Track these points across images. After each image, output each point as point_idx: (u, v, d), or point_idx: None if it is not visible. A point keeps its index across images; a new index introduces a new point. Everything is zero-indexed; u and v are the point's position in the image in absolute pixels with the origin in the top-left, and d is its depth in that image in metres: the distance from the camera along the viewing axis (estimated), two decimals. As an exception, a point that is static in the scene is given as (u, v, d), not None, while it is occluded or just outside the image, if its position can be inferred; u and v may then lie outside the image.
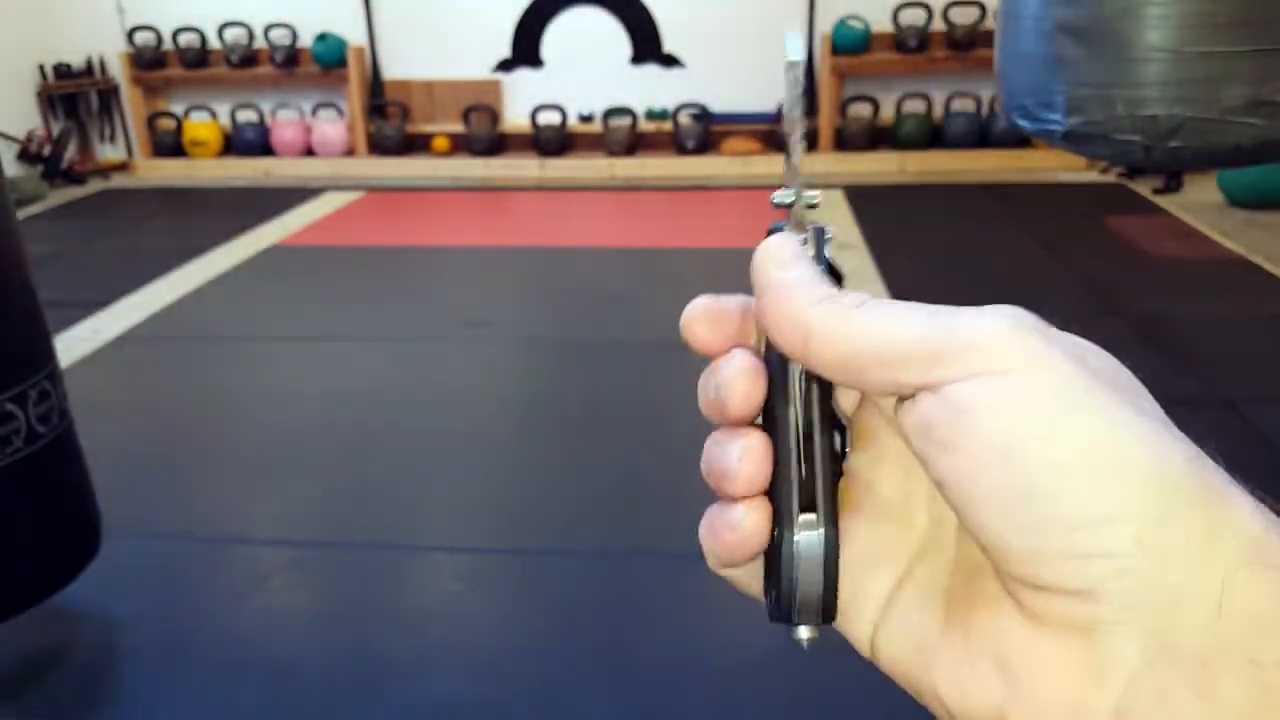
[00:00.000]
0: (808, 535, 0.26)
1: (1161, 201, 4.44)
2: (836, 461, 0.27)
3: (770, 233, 0.30)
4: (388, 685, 1.60)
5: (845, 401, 0.28)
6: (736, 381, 0.26)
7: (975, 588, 0.24)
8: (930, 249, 3.91)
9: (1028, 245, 3.92)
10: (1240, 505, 0.21)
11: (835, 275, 0.28)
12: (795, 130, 0.29)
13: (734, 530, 0.26)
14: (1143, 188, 4.65)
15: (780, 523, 0.26)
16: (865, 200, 4.60)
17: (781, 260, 0.27)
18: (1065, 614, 0.21)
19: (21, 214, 4.57)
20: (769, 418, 0.27)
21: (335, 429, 2.55)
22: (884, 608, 0.27)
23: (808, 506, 0.26)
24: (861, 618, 0.27)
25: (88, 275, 3.89)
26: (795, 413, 0.27)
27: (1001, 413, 0.22)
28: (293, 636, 1.76)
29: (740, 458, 0.26)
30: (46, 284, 1.66)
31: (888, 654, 0.26)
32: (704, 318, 0.28)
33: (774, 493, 0.27)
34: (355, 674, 1.63)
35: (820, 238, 0.29)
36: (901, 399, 0.25)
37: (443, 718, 1.55)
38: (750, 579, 0.28)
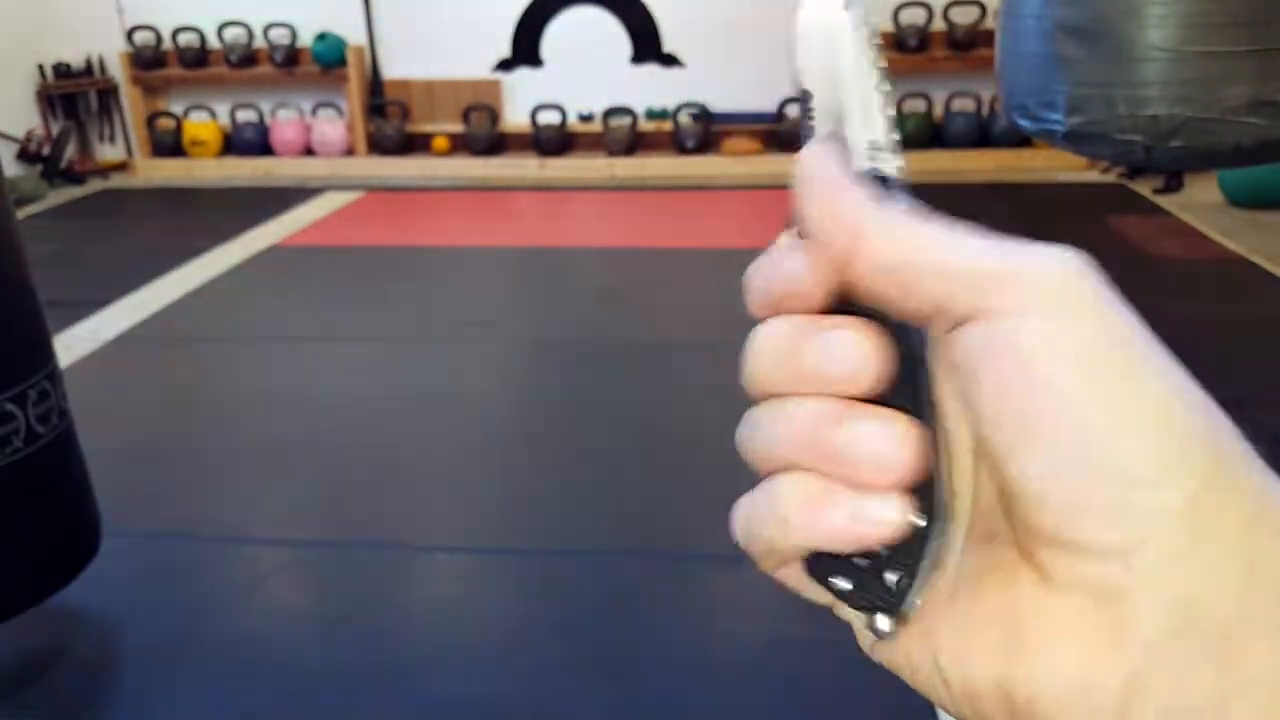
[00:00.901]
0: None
1: (1162, 201, 4.44)
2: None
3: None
4: (388, 685, 1.60)
5: None
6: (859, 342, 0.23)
7: (988, 555, 0.23)
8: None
9: (1028, 245, 3.92)
10: (1275, 483, 0.21)
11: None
12: None
13: (878, 525, 0.23)
14: (1143, 187, 4.65)
15: (928, 510, 0.23)
16: (865, 200, 4.59)
17: (827, 165, 0.24)
18: (1091, 577, 0.21)
19: (21, 214, 4.57)
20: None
21: (335, 429, 2.55)
22: None
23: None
24: None
25: (87, 275, 3.89)
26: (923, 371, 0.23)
27: (1067, 358, 0.21)
28: (293, 636, 1.76)
29: (895, 442, 0.22)
30: (46, 284, 1.66)
31: None
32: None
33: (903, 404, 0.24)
34: (355, 674, 1.63)
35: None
36: (944, 329, 0.23)
37: (443, 718, 1.55)
38: (800, 574, 0.25)
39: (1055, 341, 0.21)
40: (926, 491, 0.23)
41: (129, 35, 5.66)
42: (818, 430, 0.23)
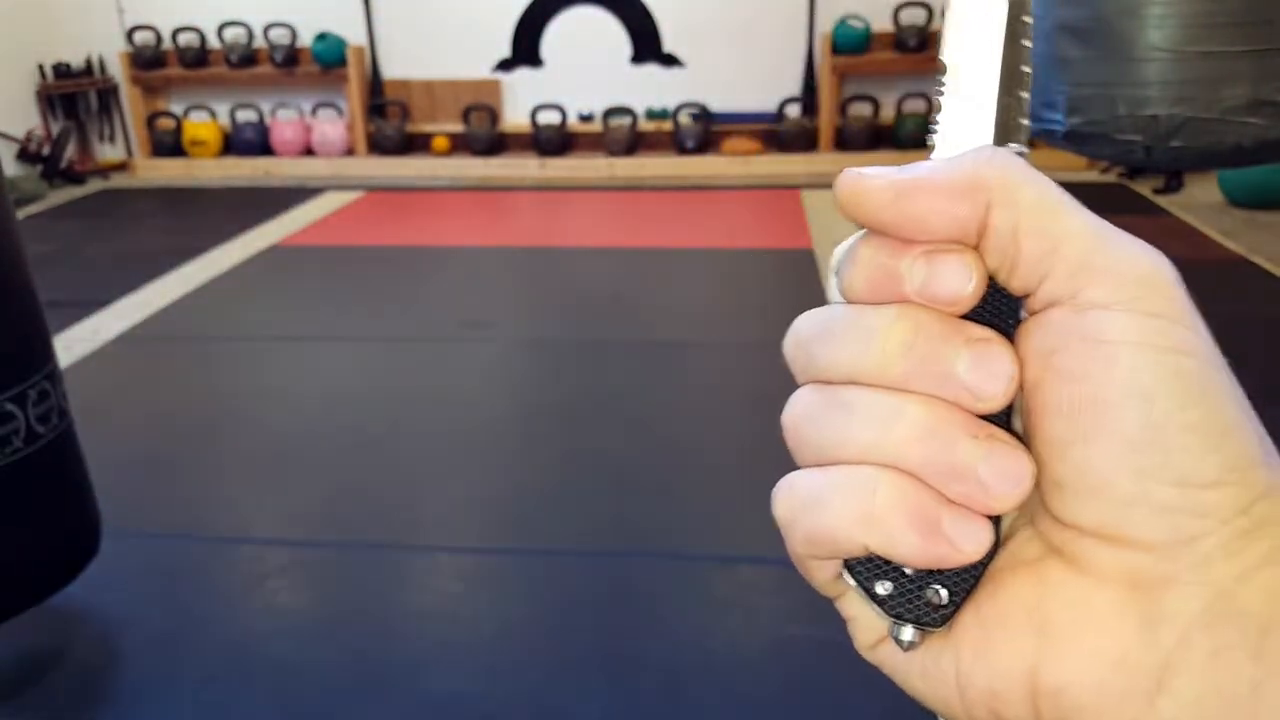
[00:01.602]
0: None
1: (1162, 201, 4.44)
2: None
3: None
4: (388, 685, 1.60)
5: None
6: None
7: (1006, 553, 0.23)
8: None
9: (1028, 245, 3.92)
10: None
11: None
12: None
13: (974, 550, 0.22)
14: (1143, 188, 4.65)
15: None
16: (865, 200, 4.59)
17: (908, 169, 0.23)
18: (1134, 568, 0.21)
19: (21, 214, 4.57)
20: None
21: (335, 429, 2.55)
22: None
23: None
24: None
25: (87, 275, 3.89)
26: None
27: (1150, 357, 0.21)
28: (293, 636, 1.76)
29: (1026, 471, 0.22)
30: (46, 284, 1.66)
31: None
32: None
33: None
34: (355, 674, 1.63)
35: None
36: (1030, 309, 0.22)
37: (443, 718, 1.55)
38: (823, 561, 0.24)
39: (1141, 339, 0.21)
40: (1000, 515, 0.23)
41: (129, 35, 5.66)
42: (949, 441, 0.22)
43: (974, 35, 0.24)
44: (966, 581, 0.23)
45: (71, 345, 3.04)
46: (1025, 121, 0.24)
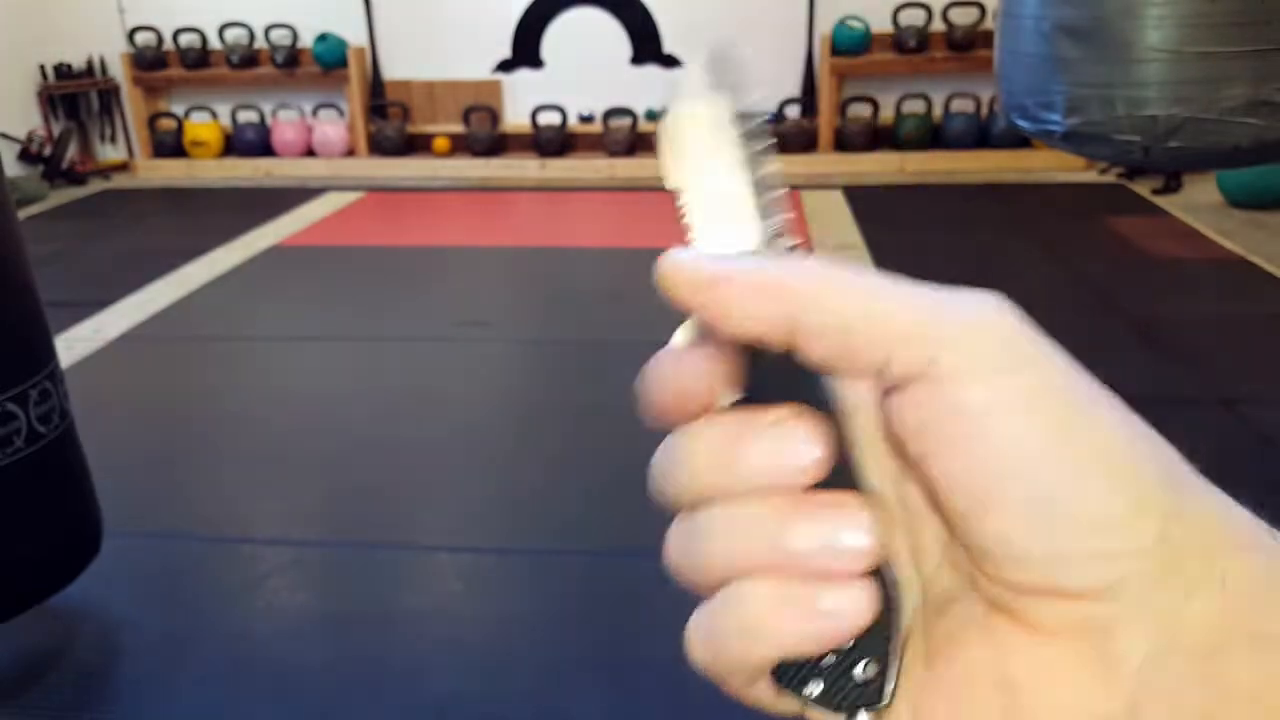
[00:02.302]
0: (898, 585, 0.23)
1: (1161, 202, 4.44)
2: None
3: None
4: (388, 685, 1.60)
5: None
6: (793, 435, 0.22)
7: (952, 616, 0.23)
8: (929, 249, 3.91)
9: (1027, 246, 3.92)
10: (1224, 497, 0.22)
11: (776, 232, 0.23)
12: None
13: (851, 617, 0.22)
14: (1142, 188, 4.65)
15: (887, 590, 0.22)
16: (865, 200, 4.60)
17: (708, 254, 0.23)
18: (1077, 618, 0.21)
19: (22, 214, 4.57)
20: None
21: (335, 429, 2.55)
22: None
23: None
24: None
25: (89, 275, 3.89)
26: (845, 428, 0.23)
27: (1017, 413, 0.21)
28: (293, 636, 1.76)
29: (859, 530, 0.22)
30: (47, 284, 1.67)
31: None
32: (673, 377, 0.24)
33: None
34: (355, 674, 1.63)
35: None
36: (886, 389, 0.22)
37: (442, 718, 1.55)
38: (767, 690, 0.24)
39: (1001, 397, 0.21)
40: (884, 570, 0.22)
41: (130, 36, 5.66)
42: (773, 534, 0.22)
43: (698, 153, 0.24)
44: (880, 644, 0.22)
45: (73, 345, 3.04)
46: (786, 218, 0.24)
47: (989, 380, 0.21)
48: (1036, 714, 0.22)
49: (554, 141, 5.43)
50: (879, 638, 0.22)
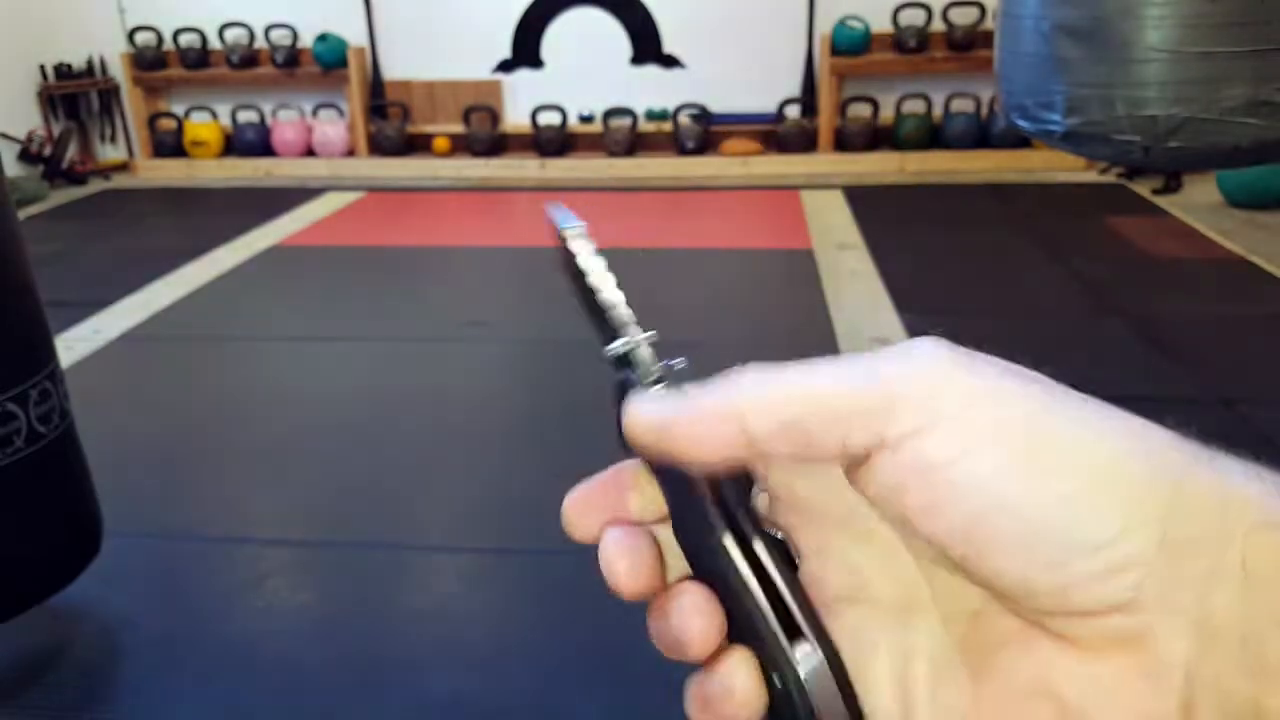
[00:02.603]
0: (811, 666, 0.23)
1: (1161, 202, 4.44)
2: (793, 569, 0.25)
3: (621, 389, 0.28)
4: (388, 685, 1.60)
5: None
6: (621, 554, 0.26)
7: (987, 630, 0.23)
8: (930, 249, 3.91)
9: (1027, 245, 3.92)
10: (1232, 470, 0.21)
11: None
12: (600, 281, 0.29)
13: (730, 695, 0.24)
14: (1142, 188, 4.65)
15: (773, 666, 0.24)
16: (865, 200, 4.60)
17: (659, 400, 0.25)
18: (1111, 631, 0.21)
19: (22, 214, 4.57)
20: (699, 562, 0.25)
21: (335, 429, 2.55)
22: (904, 700, 0.24)
23: (794, 633, 0.24)
24: None
25: (89, 275, 3.89)
26: (727, 536, 0.24)
27: (984, 457, 0.21)
28: (293, 636, 1.76)
29: (685, 616, 0.25)
30: (47, 284, 1.67)
31: None
32: (578, 508, 0.27)
33: (748, 639, 0.24)
34: (355, 674, 1.63)
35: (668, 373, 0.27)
36: (854, 466, 0.23)
37: (443, 718, 1.55)
38: None
39: (961, 442, 0.21)
40: (764, 644, 0.24)
41: (130, 36, 5.66)
42: (653, 631, 0.28)
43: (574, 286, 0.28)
44: (803, 716, 0.24)
45: (73, 345, 3.04)
46: (622, 317, 0.29)
47: (944, 429, 0.21)
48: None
49: (554, 141, 5.43)
50: (842, 697, 0.24)
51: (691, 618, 0.25)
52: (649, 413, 0.25)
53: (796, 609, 0.24)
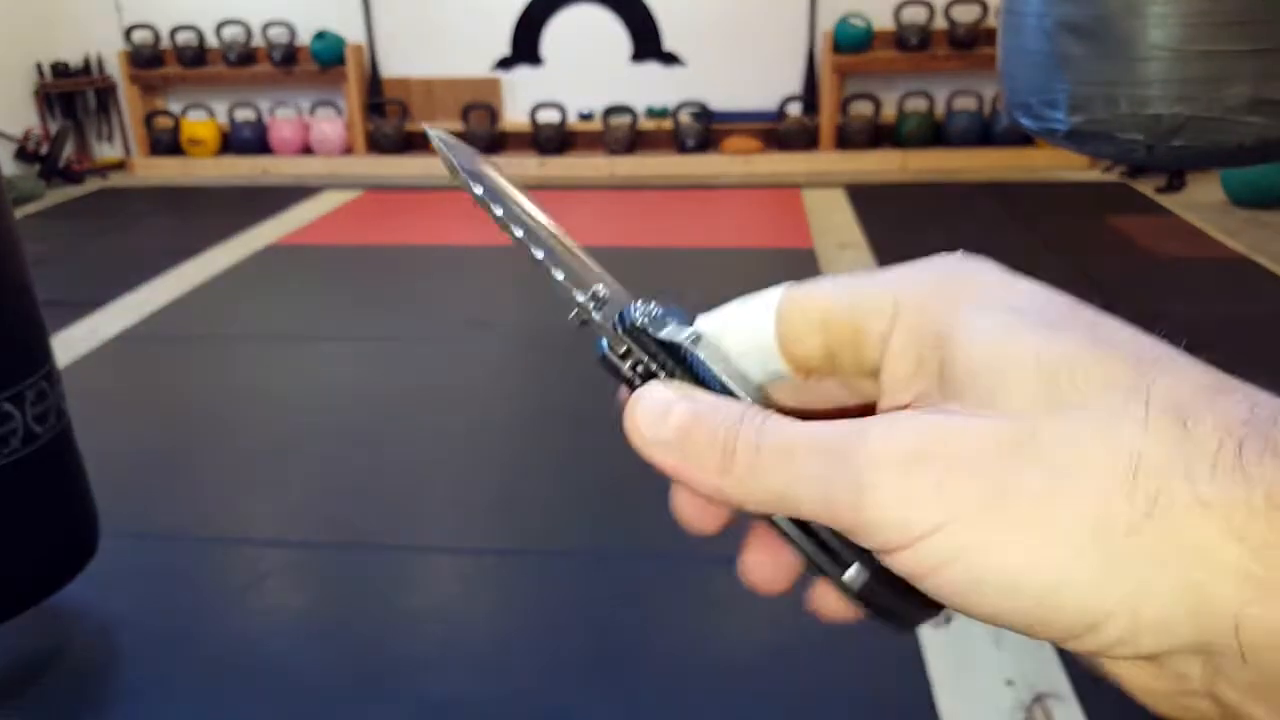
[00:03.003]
0: (863, 579, 0.25)
1: (1164, 200, 4.43)
2: None
3: (605, 363, 0.27)
4: (388, 685, 1.60)
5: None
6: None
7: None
8: (931, 247, 3.85)
9: (1030, 244, 3.91)
10: (1185, 441, 0.20)
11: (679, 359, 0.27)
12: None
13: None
14: (1145, 187, 4.65)
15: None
16: (867, 198, 4.59)
17: (654, 408, 0.26)
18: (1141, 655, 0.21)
19: (19, 213, 4.57)
20: None
21: (335, 429, 2.55)
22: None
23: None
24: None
25: (85, 274, 3.88)
26: None
27: (962, 572, 0.21)
28: (292, 636, 1.76)
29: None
30: (44, 283, 1.66)
31: None
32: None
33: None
34: (355, 674, 1.63)
35: (637, 324, 0.27)
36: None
37: (443, 718, 1.54)
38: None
39: (942, 563, 0.22)
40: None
41: (127, 34, 5.65)
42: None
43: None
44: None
45: (69, 345, 3.03)
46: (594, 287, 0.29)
47: (914, 547, 0.22)
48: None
49: (553, 139, 5.42)
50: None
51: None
52: (655, 442, 0.26)
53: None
